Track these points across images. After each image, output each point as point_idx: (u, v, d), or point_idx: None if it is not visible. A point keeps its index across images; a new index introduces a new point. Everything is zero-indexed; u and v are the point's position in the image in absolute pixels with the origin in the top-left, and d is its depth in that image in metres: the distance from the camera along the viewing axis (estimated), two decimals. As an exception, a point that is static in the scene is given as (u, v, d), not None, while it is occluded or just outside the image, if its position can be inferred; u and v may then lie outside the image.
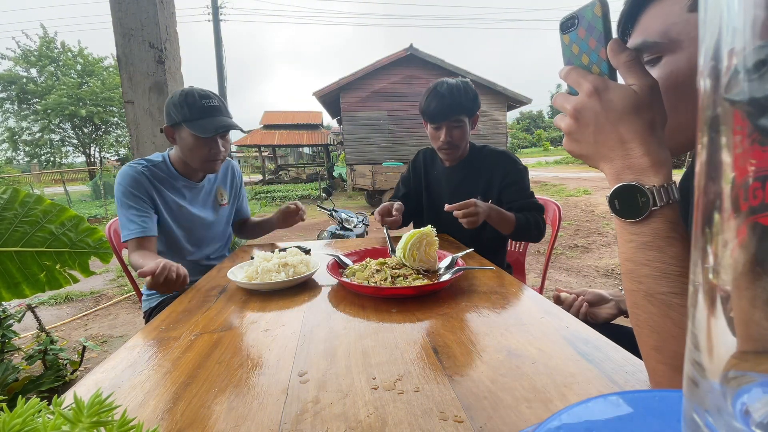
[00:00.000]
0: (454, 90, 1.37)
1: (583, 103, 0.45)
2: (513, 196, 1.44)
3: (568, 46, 0.49)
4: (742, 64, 0.13)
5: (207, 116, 1.25)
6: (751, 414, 0.14)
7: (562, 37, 0.49)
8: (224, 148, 1.33)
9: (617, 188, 0.43)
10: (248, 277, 0.98)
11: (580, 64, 0.48)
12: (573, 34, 0.48)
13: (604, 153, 0.45)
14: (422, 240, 0.98)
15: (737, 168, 0.13)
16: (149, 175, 1.30)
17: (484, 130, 12.38)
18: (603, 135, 0.44)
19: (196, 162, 1.31)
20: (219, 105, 1.29)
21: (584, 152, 0.48)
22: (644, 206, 0.41)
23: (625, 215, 0.43)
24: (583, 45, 0.47)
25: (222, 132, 1.27)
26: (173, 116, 1.26)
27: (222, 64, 10.59)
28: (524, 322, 0.72)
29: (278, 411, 0.48)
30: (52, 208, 1.39)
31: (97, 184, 11.91)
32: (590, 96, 0.44)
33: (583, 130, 0.46)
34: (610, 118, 0.43)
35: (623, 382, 0.52)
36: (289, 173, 18.42)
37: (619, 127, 0.43)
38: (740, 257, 0.13)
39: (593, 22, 0.45)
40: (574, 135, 0.48)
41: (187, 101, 1.24)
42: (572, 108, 0.46)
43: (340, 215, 3.45)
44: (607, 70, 0.45)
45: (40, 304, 2.93)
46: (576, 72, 0.47)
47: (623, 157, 0.43)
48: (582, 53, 0.47)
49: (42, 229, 1.36)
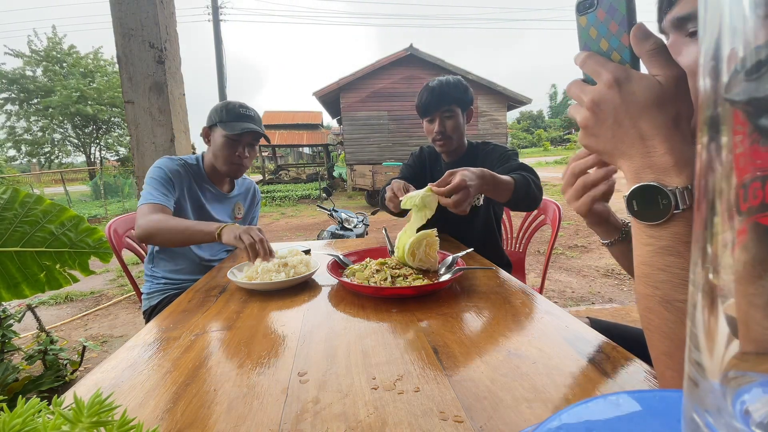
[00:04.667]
0: (444, 83, 1.42)
1: (601, 95, 0.42)
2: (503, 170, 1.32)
3: (585, 29, 0.44)
4: (742, 64, 0.13)
5: (239, 120, 1.39)
6: (751, 414, 0.14)
7: (579, 18, 0.44)
8: (249, 155, 1.44)
9: (636, 188, 0.40)
10: (248, 277, 0.98)
11: (598, 49, 0.44)
12: (591, 16, 0.43)
13: (623, 149, 0.42)
14: (422, 240, 0.98)
15: (737, 168, 0.13)
16: (183, 170, 1.41)
17: (484, 130, 12.38)
18: (622, 130, 0.41)
19: (221, 162, 1.41)
20: (253, 116, 1.42)
21: (601, 147, 0.44)
22: (665, 209, 0.39)
23: (643, 218, 0.40)
24: (602, 29, 0.43)
25: (246, 132, 1.37)
26: (212, 118, 1.41)
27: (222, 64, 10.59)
28: (524, 322, 0.72)
29: (278, 411, 0.48)
30: (52, 208, 1.39)
31: (97, 184, 11.92)
32: (610, 87, 0.41)
33: (601, 123, 0.42)
34: (630, 111, 0.40)
35: (623, 382, 0.52)
36: (289, 173, 18.41)
37: (641, 121, 0.40)
38: (740, 257, 0.13)
39: (615, 4, 0.41)
40: (590, 129, 0.44)
41: (227, 107, 1.40)
42: (590, 100, 0.43)
43: (340, 215, 3.45)
44: (629, 58, 0.41)
45: (40, 304, 2.93)
46: (594, 59, 0.43)
47: (644, 154, 0.40)
48: (601, 38, 0.43)
49: (42, 229, 1.36)
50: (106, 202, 10.53)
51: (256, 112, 1.43)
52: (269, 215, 8.57)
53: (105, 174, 13.08)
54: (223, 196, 1.52)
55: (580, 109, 0.45)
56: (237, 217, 1.57)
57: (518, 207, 1.26)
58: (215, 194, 1.49)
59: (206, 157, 1.47)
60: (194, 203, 1.43)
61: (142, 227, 1.21)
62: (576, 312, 2.62)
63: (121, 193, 11.86)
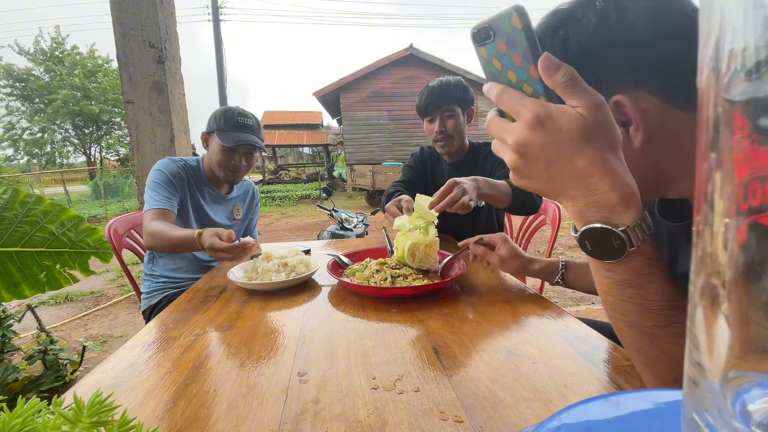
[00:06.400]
0: (444, 83, 1.42)
1: (525, 137, 0.38)
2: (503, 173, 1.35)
3: (488, 61, 0.40)
4: (742, 64, 0.13)
5: (236, 130, 1.37)
6: (751, 414, 0.14)
7: (479, 50, 0.40)
8: (246, 163, 1.43)
9: (586, 230, 0.39)
10: (248, 277, 0.98)
11: (507, 81, 0.40)
12: (491, 47, 0.38)
13: (561, 189, 0.40)
14: (422, 240, 0.98)
15: (737, 168, 0.13)
16: (184, 172, 1.41)
17: (483, 130, 12.34)
18: (557, 169, 0.38)
19: (217, 168, 1.41)
20: (252, 125, 1.40)
21: (538, 188, 0.41)
22: (620, 248, 0.38)
23: (599, 257, 0.40)
24: (506, 61, 0.38)
25: (242, 145, 1.36)
26: (210, 125, 1.40)
27: (222, 64, 10.59)
28: (524, 322, 0.72)
29: (278, 411, 0.48)
30: (52, 208, 1.38)
31: (97, 184, 11.91)
32: (532, 127, 0.38)
33: (532, 165, 0.39)
34: (561, 150, 0.37)
35: (623, 382, 0.52)
36: (289, 173, 18.42)
37: (575, 159, 0.37)
38: (740, 257, 0.13)
39: (514, 36, 0.37)
40: (522, 171, 0.41)
41: (225, 114, 1.38)
42: (514, 142, 0.39)
43: (340, 215, 3.45)
44: (542, 90, 0.38)
45: (40, 304, 2.94)
46: (509, 95, 0.39)
47: (586, 193, 0.38)
48: (507, 69, 0.39)
49: (42, 230, 1.36)
50: (106, 202, 10.52)
51: (257, 119, 1.43)
52: (269, 215, 8.57)
53: (105, 174, 13.07)
54: (222, 198, 1.52)
55: (506, 149, 0.41)
56: (236, 218, 1.57)
57: (519, 211, 1.26)
58: (214, 196, 1.50)
59: (206, 160, 1.47)
60: (194, 204, 1.44)
61: (144, 239, 1.25)
62: (576, 312, 2.62)
63: (121, 193, 11.85)
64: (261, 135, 1.43)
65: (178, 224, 1.36)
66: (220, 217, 1.52)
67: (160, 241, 1.19)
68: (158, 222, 1.23)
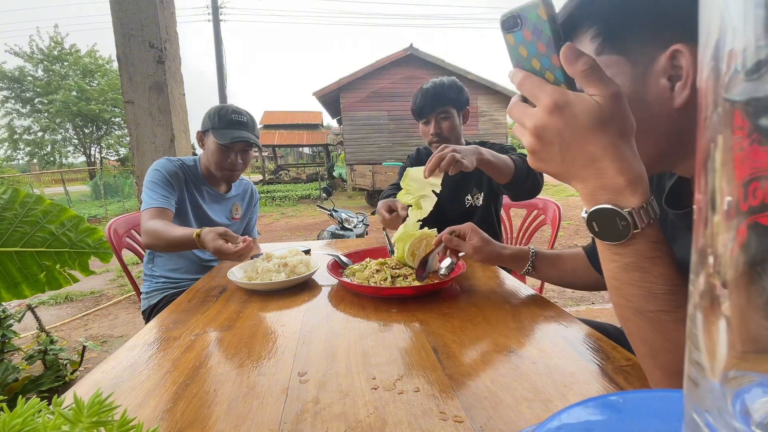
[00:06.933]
0: (438, 84, 1.41)
1: (543, 121, 0.41)
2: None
3: (514, 48, 0.43)
4: (742, 64, 0.13)
5: (231, 128, 1.37)
6: (751, 414, 0.14)
7: (506, 36, 0.43)
8: (242, 161, 1.42)
9: (594, 210, 0.41)
10: (248, 277, 0.99)
11: (530, 68, 0.42)
12: (518, 35, 0.41)
13: (574, 172, 0.42)
14: (422, 240, 0.98)
15: (737, 168, 0.13)
16: (181, 172, 1.41)
17: (484, 130, 12.37)
18: (571, 153, 0.41)
19: (214, 167, 1.41)
20: (246, 122, 1.40)
21: (552, 171, 0.44)
22: (625, 230, 0.39)
23: (605, 238, 0.41)
24: (531, 48, 0.41)
25: (237, 142, 1.35)
26: (205, 123, 1.40)
27: (222, 64, 10.59)
28: (524, 322, 0.72)
29: (278, 411, 0.48)
30: (52, 208, 1.38)
31: (97, 184, 11.91)
32: (551, 113, 0.40)
33: (548, 148, 0.42)
34: (576, 135, 0.40)
35: (623, 382, 0.52)
36: (289, 173, 18.41)
37: (588, 144, 0.40)
38: (740, 257, 0.13)
39: (539, 25, 0.39)
40: (538, 154, 0.44)
41: (219, 112, 1.38)
42: (533, 126, 0.42)
43: (340, 215, 3.45)
44: (563, 78, 0.41)
45: (40, 304, 2.93)
46: (530, 81, 0.42)
47: (596, 176, 0.40)
48: (532, 57, 0.42)
49: (42, 229, 1.36)
50: (106, 202, 10.52)
51: (251, 116, 1.42)
52: (269, 215, 8.57)
53: (105, 174, 13.07)
54: (220, 197, 1.52)
55: (524, 133, 0.44)
56: (235, 217, 1.57)
57: (521, 189, 1.18)
58: (213, 195, 1.49)
59: (202, 160, 1.47)
60: (192, 204, 1.43)
61: (142, 238, 1.25)
62: (576, 312, 2.62)
63: (121, 193, 11.85)
64: (256, 132, 1.43)
65: (177, 224, 1.35)
66: (219, 217, 1.51)
67: (158, 240, 1.18)
68: (156, 220, 1.23)
